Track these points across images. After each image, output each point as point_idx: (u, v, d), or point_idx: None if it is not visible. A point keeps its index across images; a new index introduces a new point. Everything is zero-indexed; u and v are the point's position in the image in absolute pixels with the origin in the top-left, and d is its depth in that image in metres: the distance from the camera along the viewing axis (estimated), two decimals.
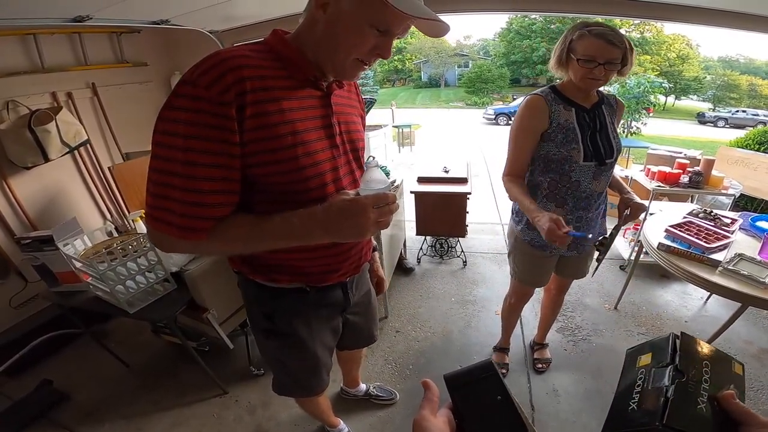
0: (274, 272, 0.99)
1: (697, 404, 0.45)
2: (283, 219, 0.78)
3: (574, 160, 1.41)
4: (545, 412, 1.90)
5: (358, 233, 0.77)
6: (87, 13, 1.99)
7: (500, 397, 0.47)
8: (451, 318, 2.63)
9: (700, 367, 0.49)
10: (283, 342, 1.10)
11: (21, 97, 2.31)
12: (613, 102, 1.50)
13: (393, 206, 0.78)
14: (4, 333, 2.29)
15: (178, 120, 0.71)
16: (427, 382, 0.51)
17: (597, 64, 1.27)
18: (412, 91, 32.77)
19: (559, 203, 1.50)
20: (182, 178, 0.72)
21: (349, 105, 0.99)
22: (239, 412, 1.98)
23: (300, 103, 0.82)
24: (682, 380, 0.47)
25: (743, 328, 2.38)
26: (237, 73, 0.72)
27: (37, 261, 1.79)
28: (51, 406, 2.03)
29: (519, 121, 1.46)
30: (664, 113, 21.33)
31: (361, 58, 0.81)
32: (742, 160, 3.51)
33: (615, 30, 1.27)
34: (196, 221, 0.75)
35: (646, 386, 0.50)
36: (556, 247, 1.59)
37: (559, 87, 1.44)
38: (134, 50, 3.01)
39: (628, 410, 0.50)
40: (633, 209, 1.47)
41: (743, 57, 28.31)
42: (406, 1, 0.72)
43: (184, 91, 0.71)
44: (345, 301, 1.15)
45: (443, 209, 2.94)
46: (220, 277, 1.82)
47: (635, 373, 0.54)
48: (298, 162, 0.82)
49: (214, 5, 2.30)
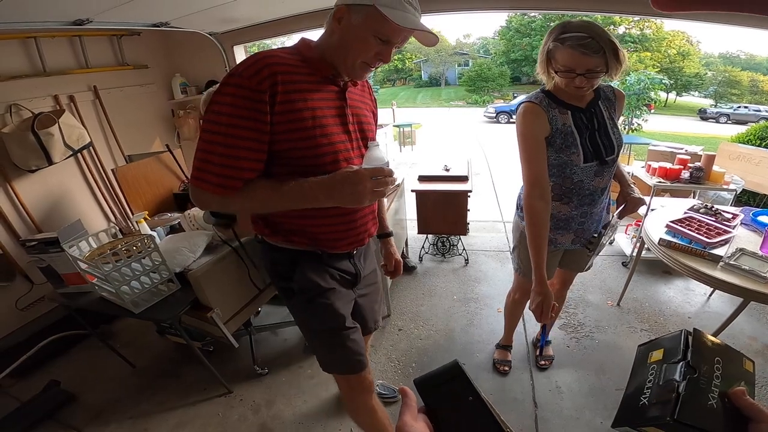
0: (292, 235, 1.15)
1: (708, 400, 0.46)
2: (297, 183, 0.97)
3: (575, 164, 1.40)
4: (548, 409, 1.91)
5: (357, 199, 0.94)
6: (87, 16, 2.01)
7: (471, 397, 0.48)
8: (453, 316, 2.63)
9: (712, 364, 0.50)
10: (302, 298, 1.20)
11: (24, 100, 2.33)
12: (610, 94, 1.46)
13: (389, 179, 0.95)
14: (11, 335, 2.31)
15: (225, 103, 0.91)
16: (404, 389, 0.53)
17: (576, 75, 1.25)
18: (413, 90, 32.78)
19: (564, 201, 1.50)
20: (223, 147, 0.92)
21: (361, 101, 1.18)
22: (244, 411, 1.99)
23: (320, 95, 1.02)
24: (694, 376, 0.48)
25: (747, 324, 2.38)
26: (271, 69, 0.92)
27: (43, 263, 1.81)
28: (58, 407, 2.04)
29: (523, 131, 1.39)
30: (665, 110, 21.28)
31: (366, 61, 1.01)
32: (743, 156, 3.50)
33: (594, 33, 1.19)
34: (230, 180, 0.94)
35: (657, 381, 0.51)
36: (561, 243, 1.60)
37: (553, 90, 1.41)
38: (135, 53, 3.03)
39: (639, 405, 0.50)
40: (630, 203, 1.46)
41: (744, 53, 28.24)
42: (403, 17, 0.92)
43: (233, 81, 0.91)
44: (355, 273, 1.28)
45: (444, 207, 2.95)
46: (223, 277, 1.83)
47: (647, 369, 0.54)
48: (315, 140, 1.00)
49: (213, 7, 2.31)
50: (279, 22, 2.84)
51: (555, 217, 1.54)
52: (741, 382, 0.49)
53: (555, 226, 1.56)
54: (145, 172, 2.38)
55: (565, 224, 1.56)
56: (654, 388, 0.50)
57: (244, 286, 1.96)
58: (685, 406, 0.45)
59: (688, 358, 0.50)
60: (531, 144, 1.39)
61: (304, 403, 2.01)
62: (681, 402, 0.45)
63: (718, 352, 0.52)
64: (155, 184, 2.42)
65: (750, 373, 0.52)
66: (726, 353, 0.52)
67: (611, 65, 1.24)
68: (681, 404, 0.45)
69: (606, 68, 1.24)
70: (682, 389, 0.46)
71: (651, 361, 0.55)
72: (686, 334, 0.54)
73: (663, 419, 0.45)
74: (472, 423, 0.47)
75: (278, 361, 2.28)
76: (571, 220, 1.54)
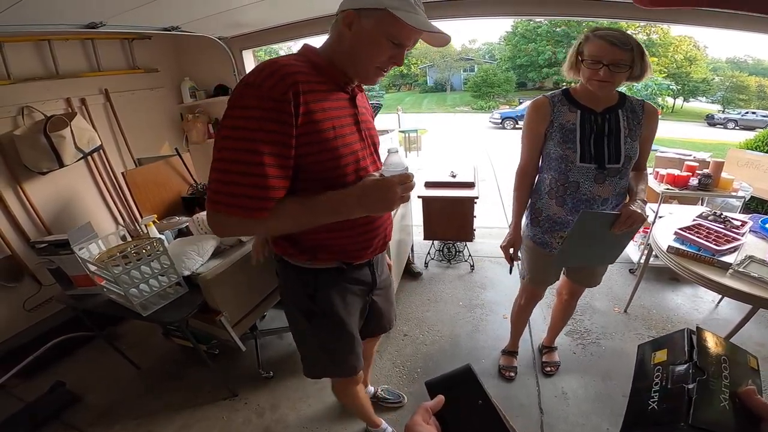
0: (317, 251, 1.12)
1: (720, 401, 0.45)
2: (327, 197, 0.94)
3: (570, 160, 1.43)
4: (554, 415, 1.89)
5: (387, 206, 0.95)
6: (100, 20, 2.04)
7: (481, 401, 0.48)
8: (458, 322, 2.62)
9: (719, 363, 0.49)
10: (324, 321, 1.21)
11: (36, 102, 2.36)
12: (638, 108, 1.45)
13: (412, 183, 0.96)
14: (18, 335, 2.33)
15: (247, 117, 0.85)
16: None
17: (602, 65, 1.29)
18: (418, 95, 32.83)
19: (559, 202, 1.52)
20: (248, 165, 0.85)
21: (365, 106, 1.17)
22: (248, 414, 1.99)
23: (335, 104, 0.99)
24: (703, 378, 0.47)
25: (756, 331, 2.35)
26: (293, 78, 0.88)
27: (52, 264, 1.83)
28: (63, 408, 2.05)
29: (525, 120, 1.56)
30: (672, 115, 21.15)
31: (380, 66, 0.99)
32: (752, 162, 3.46)
33: (623, 33, 1.28)
34: (264, 202, 0.89)
35: (665, 384, 0.50)
36: (555, 247, 1.60)
37: (572, 90, 1.48)
38: (145, 57, 3.07)
39: (648, 409, 0.49)
40: (623, 214, 1.34)
41: (751, 58, 28.00)
42: (415, 19, 0.90)
43: (252, 93, 0.86)
44: (372, 281, 1.28)
45: (450, 213, 2.94)
46: (232, 281, 1.84)
47: (651, 371, 0.53)
48: (337, 151, 0.98)
49: (222, 12, 2.34)
50: (287, 27, 2.87)
51: (551, 219, 1.57)
52: (749, 381, 0.48)
53: (550, 228, 1.59)
54: (154, 175, 2.41)
55: (561, 227, 1.56)
56: (662, 391, 0.49)
57: (251, 290, 1.97)
58: (698, 410, 0.44)
59: (694, 359, 0.49)
60: (525, 134, 1.56)
61: (309, 407, 2.01)
62: (694, 406, 0.44)
63: (723, 351, 0.51)
64: (164, 188, 2.44)
65: (756, 371, 0.51)
66: (731, 352, 0.52)
67: (636, 64, 1.30)
68: (694, 409, 0.44)
69: (631, 65, 1.29)
70: (693, 393, 0.45)
71: (655, 362, 0.54)
72: (689, 333, 0.53)
73: (676, 424, 0.44)
74: (480, 426, 0.47)
75: (283, 364, 2.28)
76: (566, 226, 1.53)
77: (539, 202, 1.61)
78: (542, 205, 1.59)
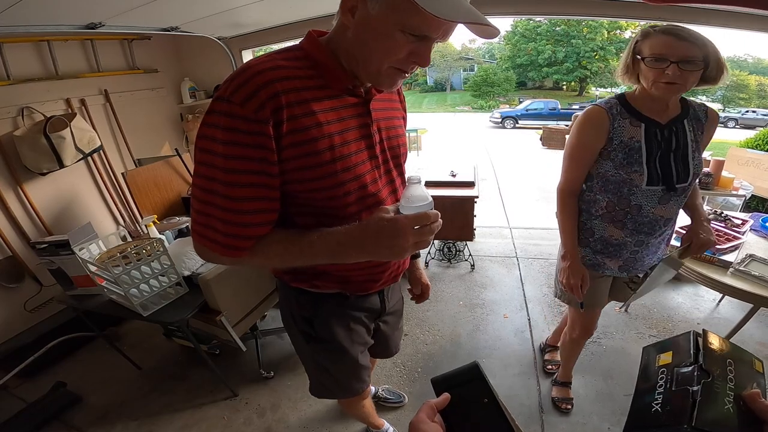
0: (318, 279, 0.97)
1: (724, 404, 0.45)
2: (320, 237, 0.76)
3: (635, 184, 1.23)
4: (555, 415, 1.89)
5: (396, 254, 0.72)
6: (100, 20, 2.04)
7: (486, 399, 0.48)
8: (459, 321, 2.62)
9: (724, 366, 0.49)
10: (323, 346, 1.08)
11: (36, 103, 2.36)
12: (701, 114, 1.26)
13: (435, 225, 0.71)
14: (18, 336, 2.33)
15: (216, 138, 0.69)
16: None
17: (669, 63, 1.07)
18: (418, 95, 32.78)
19: (618, 225, 1.33)
20: (224, 198, 0.71)
21: (390, 107, 0.95)
22: (249, 414, 1.99)
23: (337, 114, 0.78)
24: (708, 380, 0.47)
25: (757, 330, 2.35)
26: (272, 88, 0.68)
27: (53, 265, 1.83)
28: (64, 408, 2.05)
29: (573, 134, 1.30)
30: None
31: (396, 65, 0.74)
32: (752, 161, 3.46)
33: (689, 29, 1.09)
34: (238, 240, 0.75)
35: (669, 386, 0.50)
36: (608, 268, 1.43)
37: (629, 97, 1.25)
38: (145, 57, 3.07)
39: (651, 411, 0.49)
40: (695, 244, 1.26)
41: (751, 57, 27.96)
42: (439, 4, 0.63)
43: (220, 108, 0.69)
44: (381, 308, 1.15)
45: (451, 213, 2.94)
46: (233, 281, 1.84)
47: (656, 373, 0.53)
48: (337, 178, 0.79)
49: (221, 12, 2.34)
50: (287, 27, 2.87)
51: (605, 240, 1.38)
52: (753, 383, 0.48)
53: (603, 249, 1.40)
54: (154, 176, 2.41)
55: (616, 250, 1.38)
56: (666, 393, 0.49)
57: (252, 290, 1.97)
58: (702, 412, 0.44)
59: (700, 362, 0.49)
60: (574, 151, 1.32)
61: (310, 407, 2.01)
62: (698, 408, 0.44)
63: (729, 354, 0.51)
64: (164, 188, 2.44)
65: (760, 374, 0.51)
66: (736, 354, 0.52)
67: (711, 62, 1.08)
68: (698, 411, 0.44)
69: (705, 64, 1.08)
70: (698, 395, 0.45)
71: (660, 364, 0.54)
72: (695, 336, 0.53)
73: (680, 426, 0.44)
74: (485, 424, 0.47)
75: (284, 364, 2.28)
76: (622, 247, 1.37)
77: (590, 221, 1.40)
78: (594, 226, 1.39)
